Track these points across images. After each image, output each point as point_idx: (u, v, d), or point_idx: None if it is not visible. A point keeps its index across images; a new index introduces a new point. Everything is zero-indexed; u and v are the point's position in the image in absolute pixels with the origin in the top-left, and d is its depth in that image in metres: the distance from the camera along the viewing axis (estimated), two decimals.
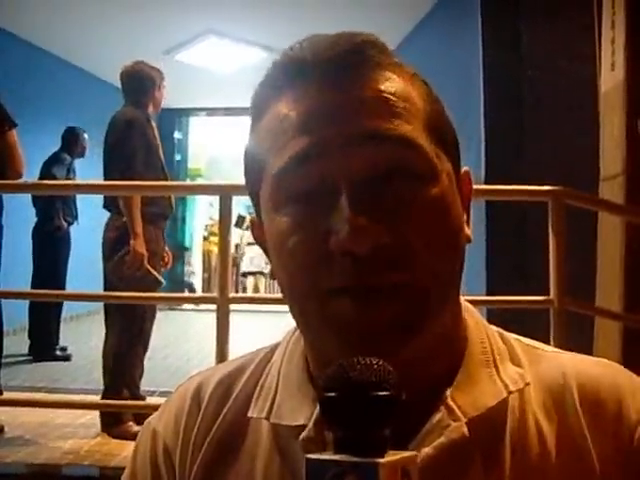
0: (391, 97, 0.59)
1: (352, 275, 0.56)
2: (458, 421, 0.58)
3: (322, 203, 0.57)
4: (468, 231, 0.64)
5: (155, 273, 3.62)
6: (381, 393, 0.45)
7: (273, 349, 0.71)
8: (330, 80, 0.59)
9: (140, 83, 3.84)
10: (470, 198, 0.66)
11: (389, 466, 0.43)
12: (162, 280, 3.69)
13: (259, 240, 0.68)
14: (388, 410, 0.45)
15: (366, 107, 0.58)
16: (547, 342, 0.71)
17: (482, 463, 0.59)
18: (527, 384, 0.62)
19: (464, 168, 0.66)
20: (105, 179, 3.73)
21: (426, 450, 0.57)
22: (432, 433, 0.58)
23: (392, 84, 0.60)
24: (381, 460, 0.43)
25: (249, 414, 0.66)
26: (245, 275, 13.19)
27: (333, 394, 0.46)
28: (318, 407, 0.57)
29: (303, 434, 0.60)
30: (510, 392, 0.61)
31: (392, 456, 0.44)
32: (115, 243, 3.63)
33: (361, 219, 0.55)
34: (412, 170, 0.58)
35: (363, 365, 0.47)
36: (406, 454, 0.45)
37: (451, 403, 0.59)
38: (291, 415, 0.63)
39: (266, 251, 0.66)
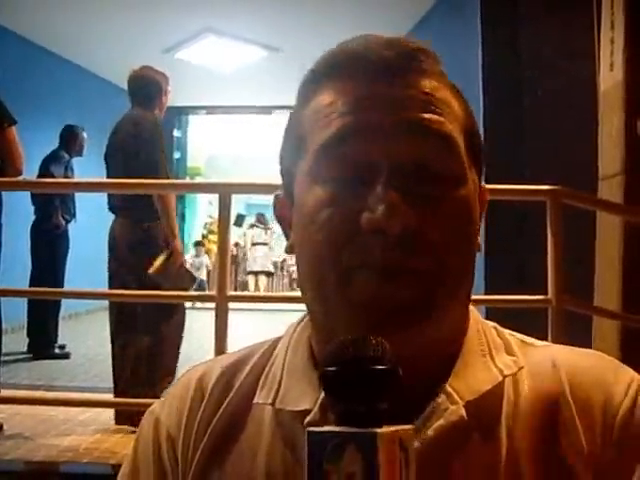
0: (436, 99, 0.63)
1: (377, 253, 0.58)
2: (456, 404, 0.61)
3: (361, 181, 0.60)
4: (479, 240, 0.67)
5: (191, 270, 3.75)
6: (378, 367, 0.47)
7: (276, 341, 0.73)
8: (380, 77, 0.62)
9: (147, 88, 3.91)
10: (484, 211, 0.69)
11: (387, 436, 0.44)
12: (197, 276, 3.85)
13: (281, 217, 0.70)
14: (385, 383, 0.47)
15: (413, 102, 0.62)
16: (545, 341, 0.73)
17: (480, 444, 0.61)
18: (521, 368, 0.65)
19: (482, 184, 0.69)
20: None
21: (427, 432, 0.60)
22: (432, 416, 0.61)
23: (437, 89, 0.64)
24: (379, 430, 0.44)
25: (255, 400, 0.68)
26: (252, 274, 13.33)
27: (333, 368, 0.48)
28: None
29: (308, 418, 0.62)
30: (505, 376, 0.64)
31: (389, 428, 0.45)
32: (150, 245, 3.70)
33: (396, 201, 0.58)
34: (447, 169, 0.61)
35: (361, 341, 0.49)
36: (404, 427, 0.46)
37: (449, 388, 0.62)
38: (296, 401, 0.64)
39: (285, 229, 0.69)
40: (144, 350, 3.69)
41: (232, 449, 0.66)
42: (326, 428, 0.46)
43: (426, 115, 0.61)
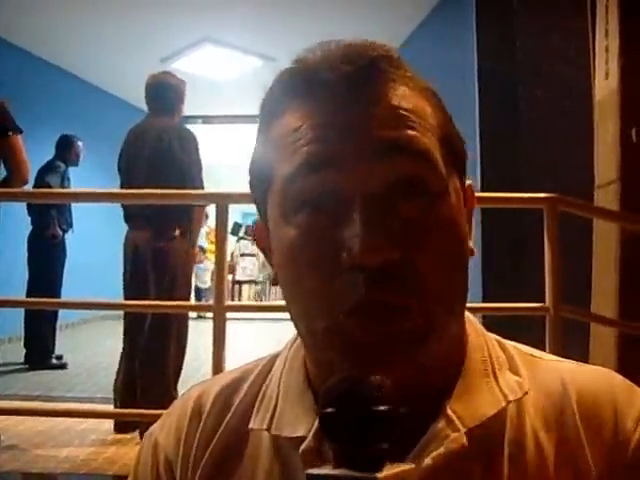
0: (407, 113, 0.59)
1: (360, 292, 0.55)
2: (457, 432, 0.58)
3: (334, 215, 0.56)
4: (471, 244, 0.64)
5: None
6: (380, 408, 0.45)
7: (273, 359, 0.71)
8: (346, 94, 0.58)
9: (170, 95, 3.93)
10: (472, 211, 0.66)
11: None
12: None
13: (262, 245, 0.67)
14: (387, 425, 0.45)
15: (382, 121, 0.58)
16: (542, 349, 0.72)
17: (481, 473, 0.59)
18: (525, 393, 0.62)
19: (467, 182, 0.66)
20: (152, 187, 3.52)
21: (426, 461, 0.57)
22: (431, 444, 0.58)
23: (407, 100, 0.60)
24: (379, 475, 0.43)
25: (250, 425, 0.66)
26: (239, 283, 13.50)
27: (332, 410, 0.46)
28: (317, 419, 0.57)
29: (303, 446, 0.60)
30: (509, 402, 0.61)
31: (390, 470, 0.44)
32: (179, 254, 3.75)
33: (373, 235, 0.54)
34: (425, 186, 0.58)
35: (362, 381, 0.47)
36: (404, 467, 0.45)
37: (450, 413, 0.59)
38: (291, 426, 0.63)
39: (268, 256, 0.66)
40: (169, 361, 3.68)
41: (230, 471, 0.65)
42: (325, 470, 0.45)
43: (396, 132, 0.57)
